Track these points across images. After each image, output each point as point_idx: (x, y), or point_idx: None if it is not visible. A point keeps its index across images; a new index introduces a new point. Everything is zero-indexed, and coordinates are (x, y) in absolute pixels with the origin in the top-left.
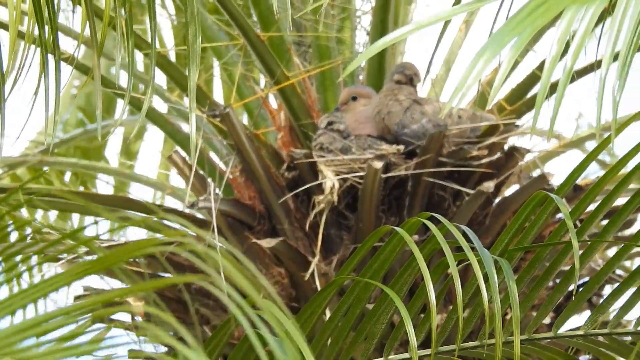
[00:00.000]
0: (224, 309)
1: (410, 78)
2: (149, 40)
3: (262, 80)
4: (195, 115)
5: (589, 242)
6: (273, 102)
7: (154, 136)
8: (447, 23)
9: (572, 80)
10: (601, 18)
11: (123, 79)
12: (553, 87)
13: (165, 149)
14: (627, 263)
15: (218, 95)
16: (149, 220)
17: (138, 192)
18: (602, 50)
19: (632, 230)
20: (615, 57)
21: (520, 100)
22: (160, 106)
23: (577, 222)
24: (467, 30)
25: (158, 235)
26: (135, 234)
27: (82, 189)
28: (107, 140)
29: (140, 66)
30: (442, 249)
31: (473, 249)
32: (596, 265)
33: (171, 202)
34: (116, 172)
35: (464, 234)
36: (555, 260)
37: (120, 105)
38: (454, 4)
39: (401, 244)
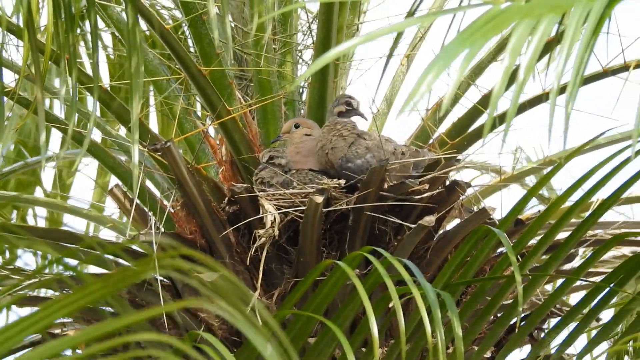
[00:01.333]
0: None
1: (352, 106)
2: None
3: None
4: (137, 148)
5: (531, 276)
6: (214, 136)
7: (88, 168)
8: (390, 54)
9: (523, 110)
10: (547, 50)
11: (56, 108)
12: (495, 120)
13: (100, 179)
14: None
15: (159, 128)
16: (93, 254)
17: (72, 224)
18: (546, 85)
19: (573, 264)
20: (562, 90)
21: (462, 135)
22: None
23: (519, 257)
24: (408, 65)
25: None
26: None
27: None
28: (39, 173)
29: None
30: (384, 282)
31: (415, 282)
32: (537, 300)
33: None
34: (57, 206)
35: (406, 268)
36: (497, 294)
37: (55, 137)
38: (405, 18)
39: (343, 278)
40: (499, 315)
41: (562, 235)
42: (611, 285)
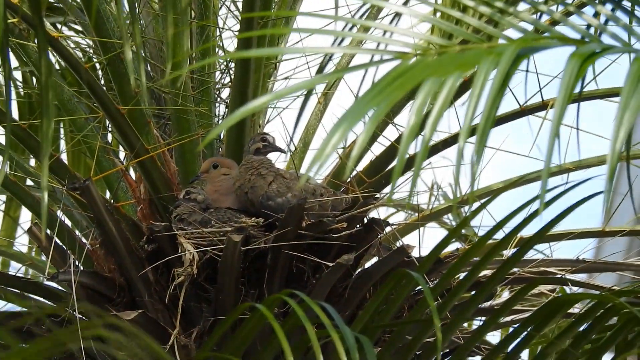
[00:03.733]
0: None
1: (268, 141)
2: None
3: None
4: (53, 188)
5: (453, 316)
6: (133, 175)
7: None
8: (308, 94)
9: (436, 151)
10: (461, 91)
11: None
12: (411, 160)
13: (11, 212)
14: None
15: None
16: (10, 293)
17: None
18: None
19: (493, 303)
20: (473, 131)
21: (379, 173)
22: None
23: (438, 297)
24: (325, 104)
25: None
26: None
27: None
28: None
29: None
30: (303, 324)
31: (334, 325)
32: (458, 339)
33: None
34: None
35: (325, 310)
36: (417, 335)
37: None
38: (315, 75)
39: (262, 320)
40: (419, 353)
41: (483, 273)
42: (529, 329)
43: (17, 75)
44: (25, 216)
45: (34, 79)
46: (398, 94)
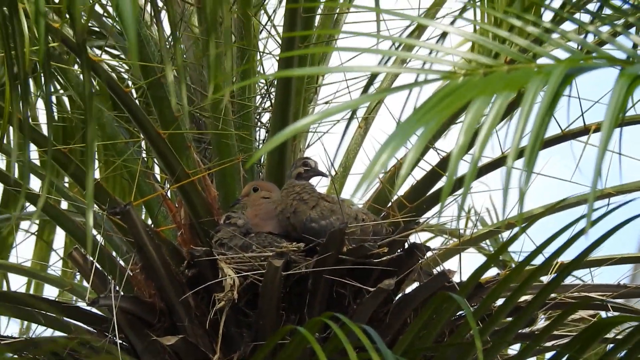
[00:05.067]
0: None
1: (310, 166)
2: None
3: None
4: (94, 212)
5: (493, 340)
6: (173, 199)
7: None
8: (352, 115)
9: (481, 174)
10: (507, 113)
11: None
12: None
13: (45, 237)
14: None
15: (119, 191)
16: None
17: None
18: (505, 147)
19: (533, 328)
20: (520, 154)
21: (420, 198)
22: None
23: (479, 321)
24: (366, 128)
25: (59, 333)
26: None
27: None
28: None
29: (37, 161)
30: (344, 347)
31: (376, 348)
32: None
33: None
34: (5, 266)
35: (366, 333)
36: (458, 358)
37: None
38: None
39: (303, 343)
40: None
41: (522, 298)
42: (571, 352)
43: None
44: (58, 240)
45: (67, 103)
46: (446, 113)
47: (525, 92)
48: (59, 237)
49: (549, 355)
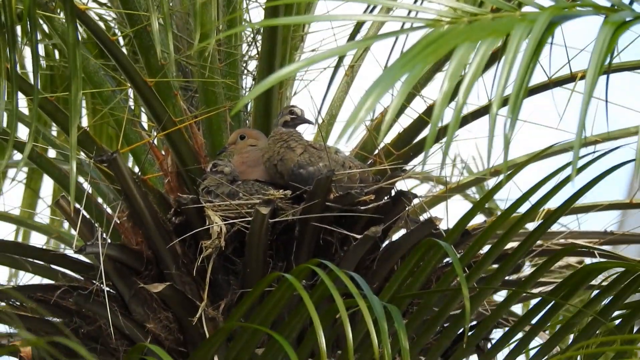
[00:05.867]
0: (112, 353)
1: (296, 114)
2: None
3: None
4: (81, 160)
5: (480, 287)
6: (160, 147)
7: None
8: (339, 62)
9: (466, 122)
10: (493, 61)
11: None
12: (439, 131)
13: (32, 184)
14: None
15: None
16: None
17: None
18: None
19: (520, 275)
20: (504, 102)
21: (407, 145)
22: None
23: (466, 268)
24: (353, 75)
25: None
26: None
27: None
28: None
29: (25, 110)
30: (331, 294)
31: (362, 294)
32: (485, 310)
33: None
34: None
35: (353, 280)
36: (444, 306)
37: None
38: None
39: (290, 290)
40: (445, 326)
41: (509, 245)
42: (557, 298)
43: (39, 48)
44: (46, 188)
45: (56, 52)
46: (431, 59)
47: (510, 39)
48: (47, 185)
49: (534, 301)
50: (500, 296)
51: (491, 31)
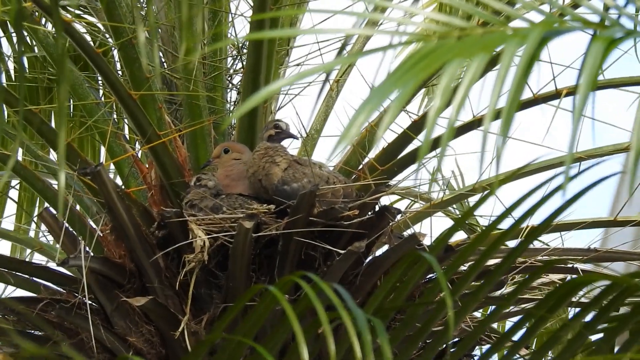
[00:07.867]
0: None
1: (281, 128)
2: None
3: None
4: (65, 173)
5: (461, 303)
6: (144, 161)
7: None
8: (326, 78)
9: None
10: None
11: None
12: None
13: (25, 202)
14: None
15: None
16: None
17: None
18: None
19: (503, 291)
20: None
21: (391, 161)
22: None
23: (449, 283)
24: (338, 90)
25: (27, 293)
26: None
27: None
28: None
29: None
30: (314, 307)
31: (346, 307)
32: (467, 327)
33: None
34: None
35: (337, 293)
36: (427, 320)
37: None
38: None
39: (273, 303)
40: (428, 341)
41: (491, 262)
42: (543, 312)
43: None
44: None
45: (39, 65)
46: (422, 75)
47: (503, 55)
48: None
49: (516, 319)
50: (481, 314)
51: (483, 46)
